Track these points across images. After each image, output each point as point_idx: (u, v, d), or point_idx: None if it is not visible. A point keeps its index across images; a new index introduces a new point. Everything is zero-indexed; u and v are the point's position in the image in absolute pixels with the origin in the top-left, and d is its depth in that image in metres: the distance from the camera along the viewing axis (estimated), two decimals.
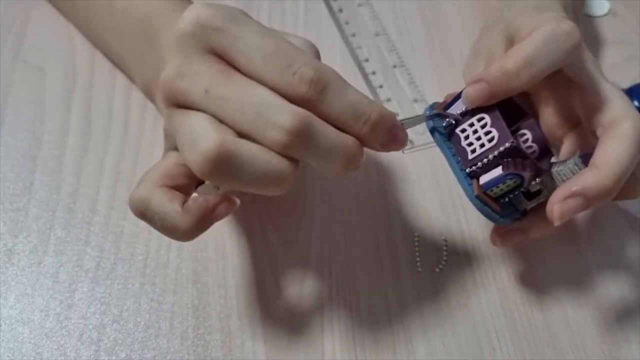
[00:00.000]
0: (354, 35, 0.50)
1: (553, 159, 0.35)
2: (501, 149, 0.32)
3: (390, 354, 0.35)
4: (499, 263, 0.39)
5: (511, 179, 0.32)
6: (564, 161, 0.34)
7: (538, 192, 0.34)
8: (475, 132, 0.33)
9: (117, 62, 0.45)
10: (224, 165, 0.26)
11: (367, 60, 0.49)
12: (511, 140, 0.32)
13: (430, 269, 0.38)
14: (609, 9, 0.53)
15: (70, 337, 0.34)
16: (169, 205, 0.28)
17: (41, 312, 0.35)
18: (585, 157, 0.33)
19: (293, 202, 0.40)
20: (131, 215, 0.38)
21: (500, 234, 0.37)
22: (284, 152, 0.27)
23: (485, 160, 0.32)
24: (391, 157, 0.43)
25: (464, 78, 0.44)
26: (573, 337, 0.36)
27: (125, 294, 0.36)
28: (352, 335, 0.35)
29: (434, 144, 0.43)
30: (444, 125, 0.34)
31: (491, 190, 0.33)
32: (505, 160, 0.32)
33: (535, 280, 0.38)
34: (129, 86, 0.45)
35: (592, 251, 0.39)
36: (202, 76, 0.28)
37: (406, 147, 0.43)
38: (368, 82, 0.47)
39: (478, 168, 0.33)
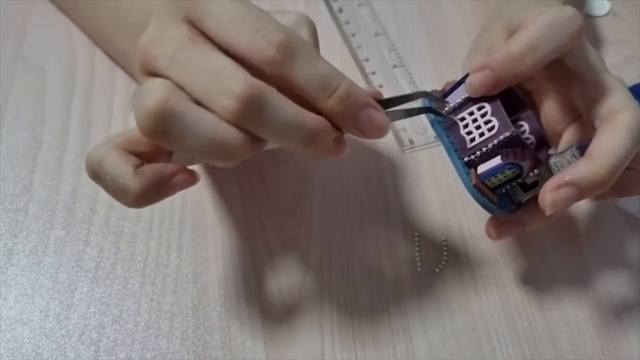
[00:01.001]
0: (354, 35, 0.50)
1: (550, 151, 0.35)
2: (501, 137, 0.32)
3: (390, 354, 0.35)
4: (499, 263, 0.39)
5: (510, 168, 0.32)
6: (562, 152, 0.34)
7: (534, 184, 0.34)
8: (475, 121, 0.33)
9: (120, 59, 0.45)
10: (164, 124, 0.26)
11: (367, 60, 0.48)
12: (512, 130, 0.31)
13: (430, 269, 0.38)
14: (609, 9, 0.53)
15: (70, 337, 0.34)
16: (122, 165, 0.27)
17: (41, 312, 0.35)
18: (583, 149, 0.33)
19: (293, 202, 0.40)
20: (131, 216, 0.39)
21: (495, 226, 0.36)
22: (235, 121, 0.26)
23: (484, 149, 0.32)
24: (391, 157, 0.43)
25: (464, 73, 0.44)
26: (573, 337, 0.36)
27: (125, 294, 0.36)
28: (352, 335, 0.35)
29: (434, 144, 0.43)
30: (442, 112, 0.34)
31: (489, 180, 0.33)
32: (504, 149, 0.32)
33: (536, 280, 0.38)
34: (129, 86, 0.45)
35: (592, 251, 0.39)
36: (171, 42, 0.27)
37: (406, 147, 0.43)
38: (368, 82, 0.47)
39: (476, 157, 0.33)
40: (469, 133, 0.33)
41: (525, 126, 0.35)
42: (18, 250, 0.37)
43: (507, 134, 0.31)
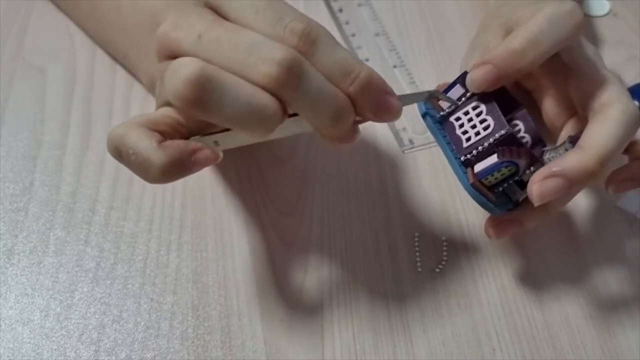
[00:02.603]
0: (354, 35, 0.50)
1: (546, 148, 0.35)
2: (496, 136, 0.32)
3: (390, 354, 0.35)
4: (499, 263, 0.39)
5: (506, 166, 0.32)
6: (556, 147, 0.34)
7: None
8: (470, 120, 0.33)
9: (120, 59, 0.45)
10: (204, 91, 0.26)
11: (367, 60, 0.49)
12: (507, 128, 0.32)
13: (430, 269, 0.38)
14: (609, 9, 0.53)
15: (70, 337, 0.34)
16: (145, 140, 0.27)
17: (41, 312, 0.35)
18: (576, 141, 0.33)
19: (293, 202, 0.40)
20: (131, 216, 0.39)
21: (494, 226, 0.36)
22: (274, 87, 0.27)
23: (480, 148, 0.32)
24: (391, 157, 0.43)
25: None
26: (573, 337, 0.36)
27: (125, 294, 0.36)
28: (352, 335, 0.35)
29: (434, 144, 0.44)
30: (439, 115, 0.34)
31: (486, 179, 0.33)
32: (500, 147, 0.32)
33: (536, 280, 0.38)
34: (129, 86, 0.45)
35: (592, 251, 0.39)
36: (195, 25, 0.28)
37: (406, 147, 0.43)
38: None
39: (473, 156, 0.33)
40: (465, 132, 0.33)
41: (520, 125, 0.35)
42: (18, 250, 0.38)
43: (503, 132, 0.32)
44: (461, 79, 0.34)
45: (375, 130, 0.44)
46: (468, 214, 0.40)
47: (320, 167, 0.42)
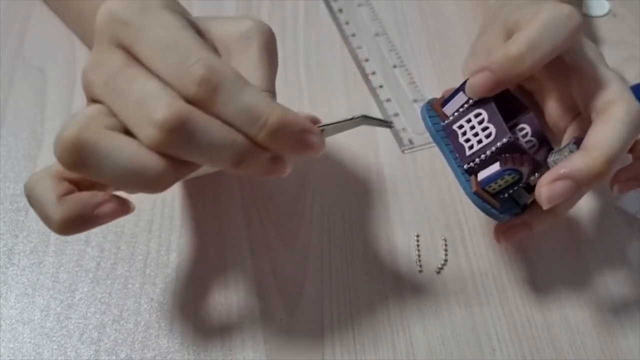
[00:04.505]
0: (354, 35, 0.50)
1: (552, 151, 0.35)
2: (498, 144, 0.32)
3: (390, 354, 0.35)
4: (499, 263, 0.39)
5: (509, 174, 0.32)
6: (560, 149, 0.34)
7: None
8: (473, 128, 0.33)
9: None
10: (80, 155, 0.25)
11: (367, 60, 0.49)
12: (508, 136, 0.31)
13: (430, 269, 0.38)
14: (608, 9, 0.53)
15: (71, 336, 0.35)
16: (48, 193, 0.27)
17: (41, 312, 0.35)
18: (580, 142, 0.33)
19: (293, 203, 0.40)
20: (132, 216, 0.38)
21: (503, 231, 0.36)
22: (158, 149, 0.25)
23: (482, 156, 0.32)
24: (391, 157, 0.43)
25: (464, 76, 0.44)
26: (573, 337, 0.36)
27: (126, 293, 0.36)
28: (352, 335, 0.35)
29: (434, 144, 0.43)
30: (442, 123, 0.34)
31: (489, 187, 0.33)
32: (503, 155, 0.32)
33: (535, 280, 0.38)
34: None
35: (591, 251, 0.39)
36: (106, 68, 0.27)
37: (406, 147, 0.44)
38: (368, 82, 0.47)
39: (476, 164, 0.33)
40: (467, 140, 0.33)
41: (527, 129, 0.35)
42: (19, 250, 0.38)
43: (504, 140, 0.32)
44: (464, 86, 0.34)
45: (375, 130, 0.44)
46: (468, 215, 0.40)
47: (320, 167, 0.42)
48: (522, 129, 0.35)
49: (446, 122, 0.34)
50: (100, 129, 0.26)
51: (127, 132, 0.26)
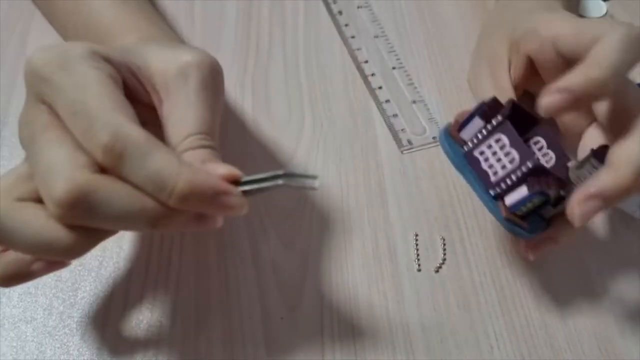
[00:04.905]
0: (353, 37, 0.51)
1: (569, 163, 0.35)
2: (524, 169, 0.32)
3: (390, 353, 0.35)
4: (497, 262, 0.39)
5: (537, 197, 0.32)
6: (581, 164, 0.33)
7: (561, 198, 0.33)
8: (495, 153, 0.33)
9: None
10: None
11: (366, 61, 0.49)
12: (533, 161, 0.31)
13: (429, 269, 0.38)
14: (606, 11, 0.53)
15: (73, 335, 0.35)
16: None
17: (44, 311, 0.36)
18: (599, 155, 0.32)
19: (293, 203, 0.41)
20: None
21: (531, 247, 0.35)
22: (63, 223, 0.25)
23: (508, 181, 0.32)
24: (390, 158, 0.43)
25: (470, 85, 0.44)
26: (570, 336, 0.36)
27: (128, 293, 0.36)
28: (352, 335, 0.36)
29: (432, 145, 0.44)
30: (463, 150, 0.34)
31: (518, 210, 0.33)
32: (529, 180, 0.32)
33: (533, 279, 0.38)
34: None
35: (589, 250, 0.40)
36: (30, 127, 0.27)
37: (405, 148, 0.44)
38: (367, 84, 0.47)
39: (502, 190, 0.33)
40: (491, 166, 0.33)
41: (542, 141, 0.35)
42: None
43: (529, 164, 0.32)
44: (480, 111, 0.33)
45: (375, 130, 0.45)
46: (466, 215, 0.41)
47: (320, 168, 0.43)
48: (537, 141, 0.35)
49: (467, 148, 0.34)
50: (10, 201, 0.26)
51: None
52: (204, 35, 0.50)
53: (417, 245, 0.39)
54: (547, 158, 0.35)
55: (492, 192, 0.33)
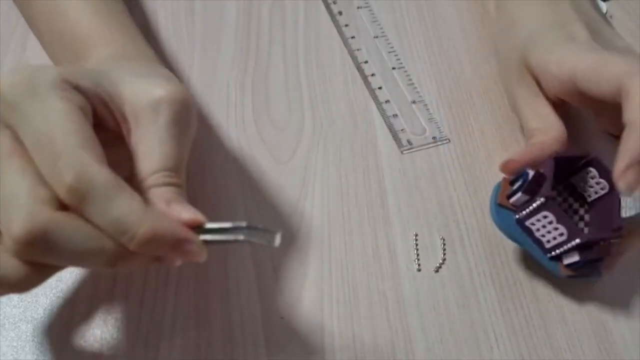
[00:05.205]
0: (353, 37, 0.51)
1: (623, 213, 0.36)
2: (573, 244, 0.34)
3: (390, 353, 0.35)
4: (497, 262, 0.39)
5: (589, 260, 0.34)
6: (629, 201, 0.36)
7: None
8: (544, 226, 0.35)
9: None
10: None
11: (366, 62, 0.49)
12: (580, 237, 0.34)
13: (429, 269, 0.38)
14: (605, 11, 0.53)
15: (74, 335, 0.35)
16: None
17: (44, 311, 0.36)
18: None
19: (293, 202, 0.41)
20: None
21: (607, 267, 0.36)
22: (20, 258, 0.25)
23: (561, 250, 0.35)
24: (390, 158, 0.43)
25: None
26: (570, 336, 0.36)
27: (128, 292, 0.36)
28: (352, 334, 0.36)
29: (432, 145, 0.44)
30: (515, 217, 0.36)
31: (576, 268, 0.35)
32: (580, 249, 0.34)
33: (532, 279, 0.38)
34: None
35: None
36: None
37: (405, 148, 0.44)
38: (367, 84, 0.48)
39: (557, 255, 0.35)
40: (543, 236, 0.35)
41: (594, 171, 0.37)
42: None
43: (577, 241, 0.34)
44: (522, 188, 0.35)
45: (375, 131, 0.45)
46: (466, 214, 0.41)
47: (320, 168, 0.43)
48: (589, 171, 0.37)
49: (518, 217, 0.36)
50: None
51: None
52: (204, 35, 0.50)
53: (417, 245, 0.39)
54: (602, 186, 0.37)
55: (548, 256, 0.36)
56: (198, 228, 0.28)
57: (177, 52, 0.48)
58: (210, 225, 0.28)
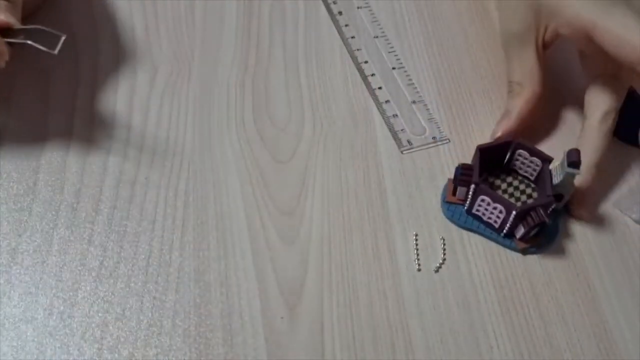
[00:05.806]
0: (353, 37, 0.51)
1: (551, 166, 0.39)
2: (511, 218, 0.37)
3: (390, 353, 0.35)
4: (496, 262, 0.39)
5: (534, 228, 0.37)
6: (556, 168, 0.39)
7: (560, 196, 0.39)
8: (486, 209, 0.39)
9: None
10: None
11: (366, 62, 0.49)
12: (515, 209, 0.37)
13: (429, 268, 0.39)
14: None
15: (74, 335, 0.35)
16: None
17: (44, 311, 0.36)
18: (573, 165, 0.37)
19: (293, 202, 0.41)
20: (134, 215, 0.39)
21: (579, 209, 0.40)
22: None
23: (508, 225, 0.38)
24: (390, 158, 0.44)
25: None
26: (570, 335, 0.36)
27: (128, 292, 0.37)
28: (352, 334, 0.36)
29: (432, 145, 0.44)
30: (464, 208, 0.40)
31: (529, 237, 0.39)
32: (522, 220, 0.37)
33: (532, 279, 0.38)
34: (131, 88, 0.46)
35: (588, 250, 0.40)
36: None
37: (405, 148, 0.44)
38: (367, 84, 0.48)
39: (507, 231, 0.39)
40: (490, 218, 0.39)
41: (525, 153, 0.40)
42: (22, 249, 0.38)
43: (514, 213, 0.37)
44: (458, 182, 0.39)
45: (375, 131, 0.45)
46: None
47: (320, 167, 0.43)
48: (520, 154, 0.40)
49: (466, 207, 0.40)
50: None
51: None
52: (204, 35, 0.50)
53: (417, 245, 0.39)
54: (536, 163, 0.40)
55: (502, 234, 0.39)
56: (9, 30, 0.30)
57: (177, 52, 0.48)
58: (19, 27, 0.30)
